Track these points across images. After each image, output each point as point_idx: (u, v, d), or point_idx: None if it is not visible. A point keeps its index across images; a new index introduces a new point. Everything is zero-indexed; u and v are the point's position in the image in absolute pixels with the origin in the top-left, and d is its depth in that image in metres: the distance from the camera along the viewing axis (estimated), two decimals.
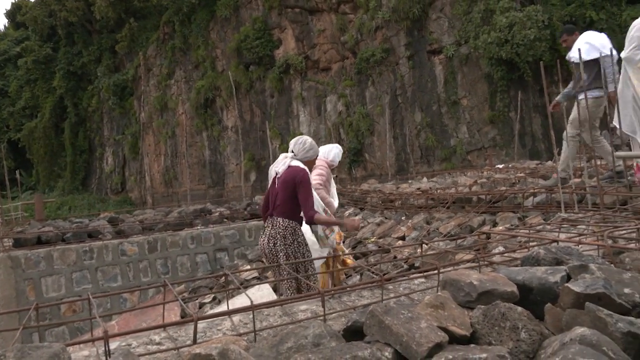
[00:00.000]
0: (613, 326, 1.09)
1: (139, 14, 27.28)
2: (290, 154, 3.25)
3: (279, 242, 3.08)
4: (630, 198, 3.42)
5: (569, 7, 13.77)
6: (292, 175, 3.12)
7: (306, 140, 3.30)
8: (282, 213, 3.13)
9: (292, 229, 3.11)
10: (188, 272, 7.21)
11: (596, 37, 4.73)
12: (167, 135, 25.47)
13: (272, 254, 3.14)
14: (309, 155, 3.27)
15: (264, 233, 3.24)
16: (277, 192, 3.17)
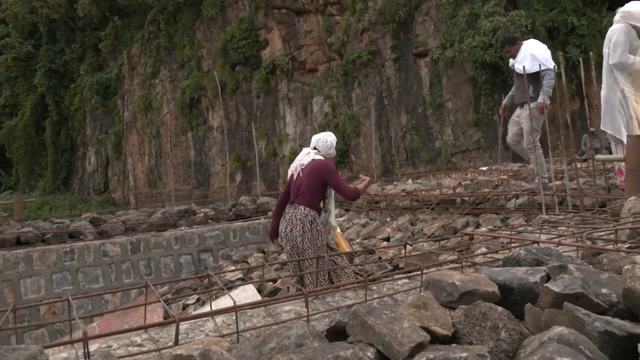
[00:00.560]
0: (590, 325, 1.11)
1: (123, 12, 26.92)
2: (313, 151, 3.57)
3: (298, 229, 3.27)
4: (609, 200, 3.50)
5: (551, 13, 14.03)
6: (319, 166, 3.41)
7: (327, 139, 3.64)
8: (304, 201, 3.34)
9: (311, 217, 3.32)
10: (172, 273, 7.13)
11: (540, 49, 4.94)
12: (151, 135, 25.19)
13: (287, 239, 3.33)
14: (330, 153, 3.62)
15: (284, 218, 3.42)
16: (302, 181, 3.41)
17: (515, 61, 4.97)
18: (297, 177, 3.50)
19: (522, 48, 4.96)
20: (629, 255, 1.89)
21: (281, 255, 6.40)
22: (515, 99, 5.13)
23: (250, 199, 10.68)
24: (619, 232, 2.25)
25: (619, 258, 1.76)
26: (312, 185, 3.36)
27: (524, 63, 4.76)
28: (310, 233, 3.29)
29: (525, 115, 4.84)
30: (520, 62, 4.84)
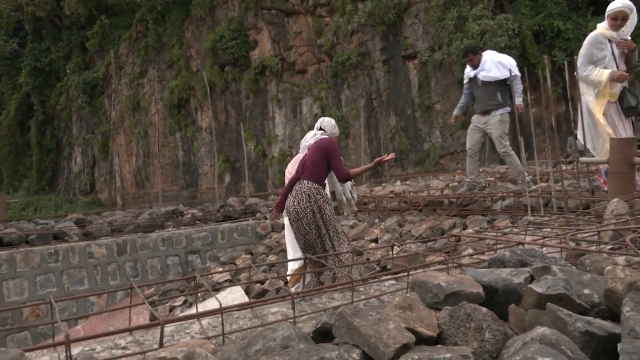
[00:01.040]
0: (572, 325, 1.13)
1: (111, 11, 26.64)
2: (319, 132, 3.82)
3: (304, 201, 3.43)
4: (593, 202, 3.55)
5: (537, 17, 14.21)
6: (325, 143, 3.62)
7: (331, 120, 3.98)
8: (308, 175, 3.53)
9: (316, 189, 3.50)
10: (158, 274, 7.06)
11: (505, 57, 5.11)
12: (139, 135, 24.95)
13: (295, 212, 3.46)
14: (335, 132, 3.91)
15: (291, 194, 3.59)
16: (307, 157, 3.63)
17: (477, 70, 5.08)
18: (304, 156, 3.72)
19: (483, 58, 5.08)
20: (611, 256, 1.92)
21: (269, 257, 6.39)
22: (479, 107, 5.25)
23: (238, 200, 10.64)
24: (602, 233, 2.29)
25: (601, 259, 1.79)
26: (316, 161, 3.55)
27: (492, 71, 4.93)
28: (317, 204, 3.44)
29: (493, 121, 4.99)
30: (488, 70, 4.97)
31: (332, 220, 3.49)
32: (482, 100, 5.17)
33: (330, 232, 3.44)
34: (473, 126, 5.37)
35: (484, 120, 5.22)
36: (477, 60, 5.12)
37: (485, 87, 5.06)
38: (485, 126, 5.20)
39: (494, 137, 5.15)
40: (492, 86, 5.01)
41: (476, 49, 5.26)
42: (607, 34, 4.06)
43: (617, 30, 4.01)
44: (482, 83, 5.09)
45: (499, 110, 5.05)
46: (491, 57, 5.12)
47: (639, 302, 1.05)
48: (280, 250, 6.29)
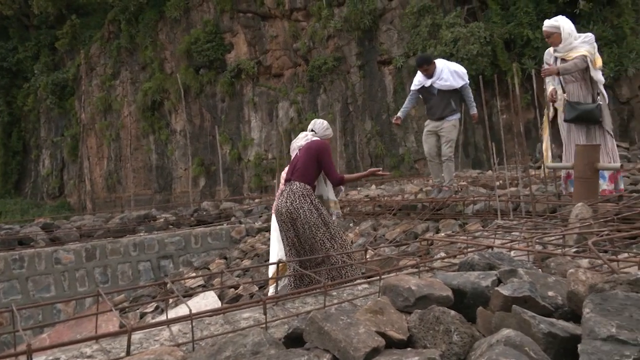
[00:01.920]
0: (536, 327, 1.16)
1: (82, 11, 25.99)
2: (310, 133, 3.81)
3: (297, 201, 3.44)
4: (559, 206, 3.66)
5: (508, 26, 14.61)
6: (316, 145, 3.61)
7: (324, 122, 3.95)
8: (299, 177, 3.54)
9: (307, 190, 3.51)
10: (129, 280, 6.89)
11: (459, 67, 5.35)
12: (110, 137, 24.38)
13: (288, 212, 3.45)
14: (327, 134, 3.86)
15: (281, 195, 3.62)
16: (298, 159, 3.63)
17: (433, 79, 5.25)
18: (294, 157, 3.71)
19: (438, 67, 5.26)
20: (575, 259, 1.98)
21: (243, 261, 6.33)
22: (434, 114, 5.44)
23: (213, 204, 10.51)
24: (567, 237, 2.36)
25: (565, 262, 1.84)
26: (307, 163, 3.56)
27: (450, 80, 5.14)
28: (309, 205, 3.46)
29: (447, 125, 5.24)
30: (445, 79, 5.18)
31: (328, 220, 3.50)
32: (437, 107, 5.37)
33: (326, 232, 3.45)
34: (428, 132, 5.56)
35: (437, 124, 5.43)
36: (431, 69, 5.31)
37: (441, 95, 5.29)
38: (439, 130, 5.42)
39: (445, 140, 5.39)
40: (447, 94, 5.27)
41: (430, 59, 5.46)
42: (552, 50, 4.27)
43: (554, 47, 4.21)
44: (438, 91, 5.29)
45: (453, 116, 5.34)
46: (447, 67, 5.33)
47: (598, 303, 1.09)
48: (255, 255, 6.24)
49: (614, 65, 13.50)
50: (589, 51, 3.93)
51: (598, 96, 4.01)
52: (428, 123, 5.56)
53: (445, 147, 5.40)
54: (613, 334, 0.97)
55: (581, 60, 3.89)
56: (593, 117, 3.91)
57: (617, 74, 13.65)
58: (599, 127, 3.98)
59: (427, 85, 5.34)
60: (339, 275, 3.40)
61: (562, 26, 4.11)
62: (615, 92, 13.97)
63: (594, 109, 3.90)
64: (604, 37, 13.66)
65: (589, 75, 4.03)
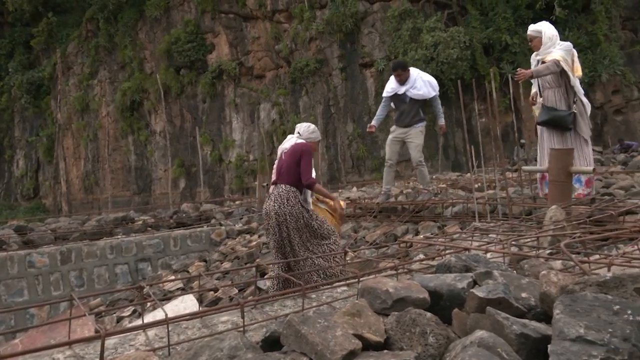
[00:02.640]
0: (508, 328, 1.18)
1: (59, 9, 25.42)
2: (296, 135, 3.84)
3: (285, 204, 3.48)
4: (535, 209, 3.74)
5: (487, 31, 14.89)
6: (298, 147, 3.67)
7: (310, 125, 3.94)
8: (285, 180, 3.60)
9: (293, 192, 3.55)
10: (106, 284, 6.75)
11: (430, 77, 5.49)
12: (88, 138, 23.89)
13: (277, 215, 3.48)
14: (312, 137, 3.86)
15: (268, 197, 3.67)
16: (283, 162, 3.67)
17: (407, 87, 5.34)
18: (279, 160, 3.76)
19: (412, 75, 5.34)
20: (548, 261, 2.03)
21: (223, 264, 6.28)
22: (403, 121, 5.54)
23: (193, 206, 10.40)
24: (541, 239, 2.41)
25: (538, 264, 1.88)
26: (291, 165, 3.60)
27: (423, 90, 5.25)
28: (297, 207, 3.51)
29: (414, 132, 5.43)
30: (419, 88, 5.29)
31: (312, 221, 3.55)
32: (407, 115, 5.46)
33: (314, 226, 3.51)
34: (394, 138, 5.63)
35: (404, 131, 5.53)
36: (405, 76, 5.37)
37: (412, 103, 5.40)
38: (406, 136, 5.52)
39: (414, 146, 5.48)
40: (418, 103, 5.39)
41: (406, 65, 5.55)
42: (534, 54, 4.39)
43: (536, 51, 4.33)
44: (410, 100, 5.37)
45: (420, 124, 5.49)
46: (420, 76, 5.43)
47: (568, 305, 1.11)
48: (235, 258, 6.19)
49: (589, 71, 13.88)
50: (562, 56, 4.04)
51: (574, 104, 4.11)
52: (395, 129, 5.63)
53: (415, 153, 5.51)
54: (581, 335, 0.99)
55: (553, 64, 4.00)
56: (564, 123, 4.03)
57: (592, 79, 14.05)
58: (575, 133, 4.09)
59: (400, 93, 5.41)
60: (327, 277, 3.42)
61: (544, 31, 4.24)
62: (590, 97, 14.33)
63: (566, 116, 4.01)
64: (579, 44, 14.05)
65: (565, 82, 4.14)
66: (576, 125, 4.08)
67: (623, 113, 14.84)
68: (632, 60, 14.79)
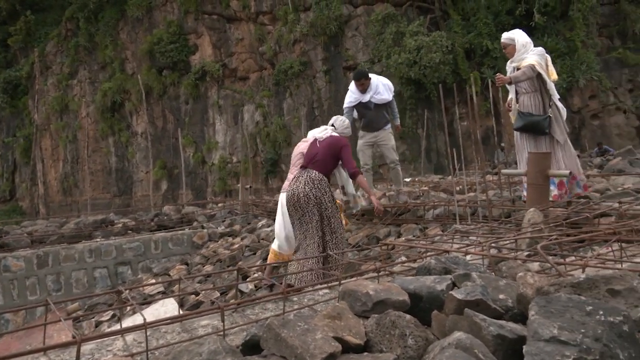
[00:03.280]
0: (486, 329, 1.19)
1: (37, 7, 24.91)
2: (330, 127, 3.99)
3: (316, 188, 3.63)
4: (514, 211, 3.81)
5: (469, 36, 15.11)
6: (337, 140, 3.83)
7: (345, 120, 4.13)
8: (319, 168, 3.74)
9: (325, 182, 3.73)
10: (84, 288, 6.62)
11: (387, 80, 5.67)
12: (67, 139, 23.43)
13: (307, 197, 3.61)
14: (346, 132, 4.06)
15: (296, 180, 3.76)
16: (318, 151, 3.79)
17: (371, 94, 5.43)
18: (312, 147, 3.85)
19: (373, 82, 5.45)
20: (526, 262, 2.07)
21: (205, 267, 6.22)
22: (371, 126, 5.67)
23: (174, 208, 10.28)
24: (519, 241, 2.45)
25: (516, 265, 1.92)
26: (328, 156, 3.76)
27: (384, 94, 5.42)
28: (329, 194, 3.69)
29: (384, 134, 5.60)
30: (381, 93, 5.43)
31: (335, 210, 3.71)
32: (374, 120, 5.60)
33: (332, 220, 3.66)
34: (365, 143, 5.73)
35: (374, 135, 5.66)
36: (367, 84, 5.46)
37: (377, 108, 5.54)
38: (377, 140, 5.66)
39: (388, 147, 5.61)
40: (382, 107, 5.53)
41: (368, 73, 5.59)
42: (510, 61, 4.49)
43: (510, 57, 4.43)
44: (375, 105, 5.46)
45: (387, 125, 5.66)
46: (380, 81, 5.55)
47: (543, 306, 1.13)
48: (217, 260, 6.14)
49: (566, 76, 14.20)
50: (537, 61, 4.14)
51: (550, 108, 4.20)
52: (364, 135, 5.71)
53: (391, 153, 5.64)
54: (555, 335, 1.01)
55: (529, 69, 4.09)
56: (539, 128, 4.12)
57: (569, 84, 14.37)
58: (550, 137, 4.17)
59: (365, 101, 5.48)
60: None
61: (517, 38, 4.32)
62: (567, 102, 14.68)
63: (541, 121, 4.11)
64: (557, 50, 14.36)
65: (540, 87, 4.23)
66: (551, 129, 4.17)
67: (600, 118, 15.22)
68: (608, 66, 15.19)
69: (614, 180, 5.70)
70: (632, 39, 15.42)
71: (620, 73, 15.18)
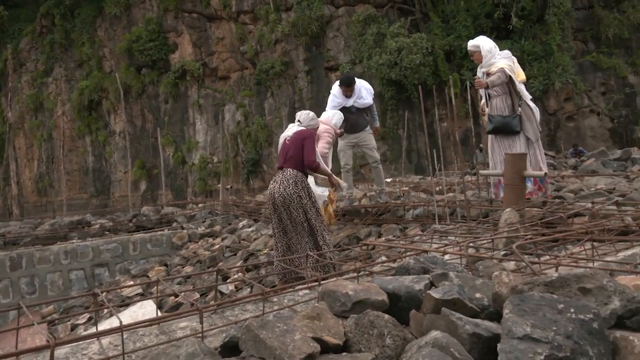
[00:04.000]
0: (462, 328, 1.21)
1: (10, 2, 24.23)
2: (297, 123, 4.06)
3: (291, 187, 3.68)
4: (491, 211, 3.88)
5: (448, 38, 15.31)
6: (301, 133, 3.89)
7: (309, 112, 4.17)
8: (292, 165, 3.80)
9: (300, 177, 3.78)
10: (60, 290, 6.46)
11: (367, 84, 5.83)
12: (42, 138, 22.87)
13: (282, 197, 3.69)
14: (312, 124, 4.07)
15: (274, 181, 3.87)
16: (288, 148, 3.87)
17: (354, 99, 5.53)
18: (284, 146, 3.95)
19: (357, 87, 5.53)
20: (502, 262, 2.11)
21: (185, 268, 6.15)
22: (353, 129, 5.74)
23: (153, 209, 10.13)
24: (496, 240, 2.50)
25: (492, 265, 1.95)
26: (296, 152, 3.81)
27: (367, 98, 5.54)
28: (304, 191, 3.72)
29: (365, 135, 5.73)
30: (364, 97, 5.55)
31: (316, 205, 3.79)
32: (356, 123, 5.72)
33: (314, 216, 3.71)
34: (347, 143, 5.80)
35: (355, 136, 5.75)
36: (352, 89, 5.52)
37: (359, 112, 5.65)
38: (358, 140, 5.72)
39: (370, 147, 5.71)
40: (362, 110, 5.62)
41: (355, 80, 5.65)
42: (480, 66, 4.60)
43: (478, 63, 4.55)
44: (357, 109, 5.55)
45: (368, 127, 5.81)
46: (362, 85, 5.65)
47: (517, 304, 1.16)
48: (197, 262, 6.08)
49: (543, 79, 14.52)
50: (506, 64, 4.29)
51: (519, 108, 4.32)
52: (346, 136, 5.77)
53: (373, 153, 5.75)
54: (528, 333, 1.04)
55: (502, 73, 4.23)
56: (511, 127, 4.25)
57: (545, 87, 14.70)
58: (523, 137, 4.29)
59: (349, 105, 5.56)
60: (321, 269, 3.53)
61: (482, 45, 4.48)
62: (544, 104, 15.02)
63: (511, 120, 4.25)
64: (534, 53, 14.68)
65: (510, 89, 4.36)
66: (523, 127, 4.29)
67: (574, 120, 15.61)
68: (582, 69, 15.59)
69: (588, 181, 5.85)
70: (605, 43, 15.86)
71: (594, 76, 15.60)
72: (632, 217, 2.83)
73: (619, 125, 15.43)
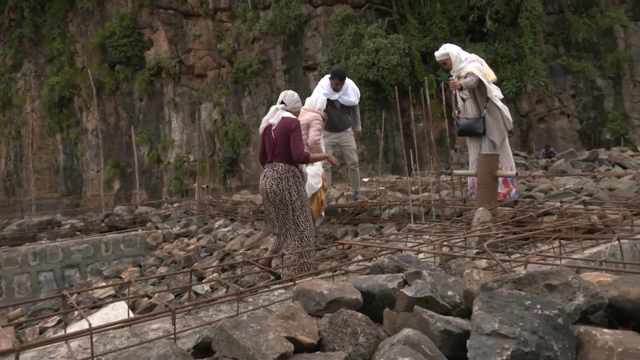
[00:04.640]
0: (433, 325, 1.23)
1: None
2: (280, 105, 3.79)
3: (284, 183, 3.63)
4: (465, 210, 3.95)
5: (425, 39, 15.52)
6: (287, 124, 3.67)
7: (294, 93, 3.92)
8: (282, 159, 3.67)
9: (292, 172, 3.69)
10: (28, 292, 6.26)
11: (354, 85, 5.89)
12: (9, 135, 22.12)
13: (274, 193, 3.65)
14: (297, 106, 3.88)
15: (264, 176, 3.76)
16: (276, 141, 3.70)
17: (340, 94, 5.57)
18: (270, 137, 3.76)
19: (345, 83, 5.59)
20: (474, 260, 2.15)
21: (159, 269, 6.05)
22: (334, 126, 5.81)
23: (127, 208, 9.92)
24: (469, 239, 2.55)
25: (464, 263, 1.99)
26: (285, 145, 3.66)
27: (352, 97, 5.63)
28: (296, 186, 3.67)
29: (346, 136, 5.74)
30: (350, 95, 5.60)
31: (305, 203, 3.73)
32: (339, 120, 5.74)
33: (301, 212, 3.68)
34: (329, 143, 5.86)
35: (337, 135, 5.80)
36: (342, 84, 5.56)
37: (342, 109, 5.69)
38: (340, 141, 5.80)
39: (350, 149, 5.78)
40: (346, 109, 5.70)
41: (346, 76, 5.68)
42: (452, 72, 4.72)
43: (450, 69, 4.67)
44: (341, 106, 5.59)
45: (349, 128, 5.82)
46: (350, 84, 5.68)
47: (486, 301, 1.19)
48: (172, 262, 5.99)
49: (515, 81, 14.88)
50: (476, 67, 4.41)
51: (485, 109, 4.43)
52: (327, 135, 5.79)
53: (352, 154, 5.80)
54: (496, 329, 1.06)
55: (474, 75, 4.33)
56: (475, 129, 4.37)
57: (518, 89, 15.06)
58: (487, 139, 4.41)
59: (333, 99, 5.57)
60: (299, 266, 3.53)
61: (450, 52, 4.60)
62: (517, 106, 15.39)
63: (474, 123, 4.38)
64: (508, 55, 15.01)
65: (475, 93, 4.48)
66: (487, 129, 4.40)
67: (546, 121, 16.04)
68: (553, 72, 16.04)
69: (557, 181, 6.03)
70: (575, 47, 16.35)
71: (564, 79, 16.07)
72: (598, 215, 2.93)
73: (587, 126, 15.94)
